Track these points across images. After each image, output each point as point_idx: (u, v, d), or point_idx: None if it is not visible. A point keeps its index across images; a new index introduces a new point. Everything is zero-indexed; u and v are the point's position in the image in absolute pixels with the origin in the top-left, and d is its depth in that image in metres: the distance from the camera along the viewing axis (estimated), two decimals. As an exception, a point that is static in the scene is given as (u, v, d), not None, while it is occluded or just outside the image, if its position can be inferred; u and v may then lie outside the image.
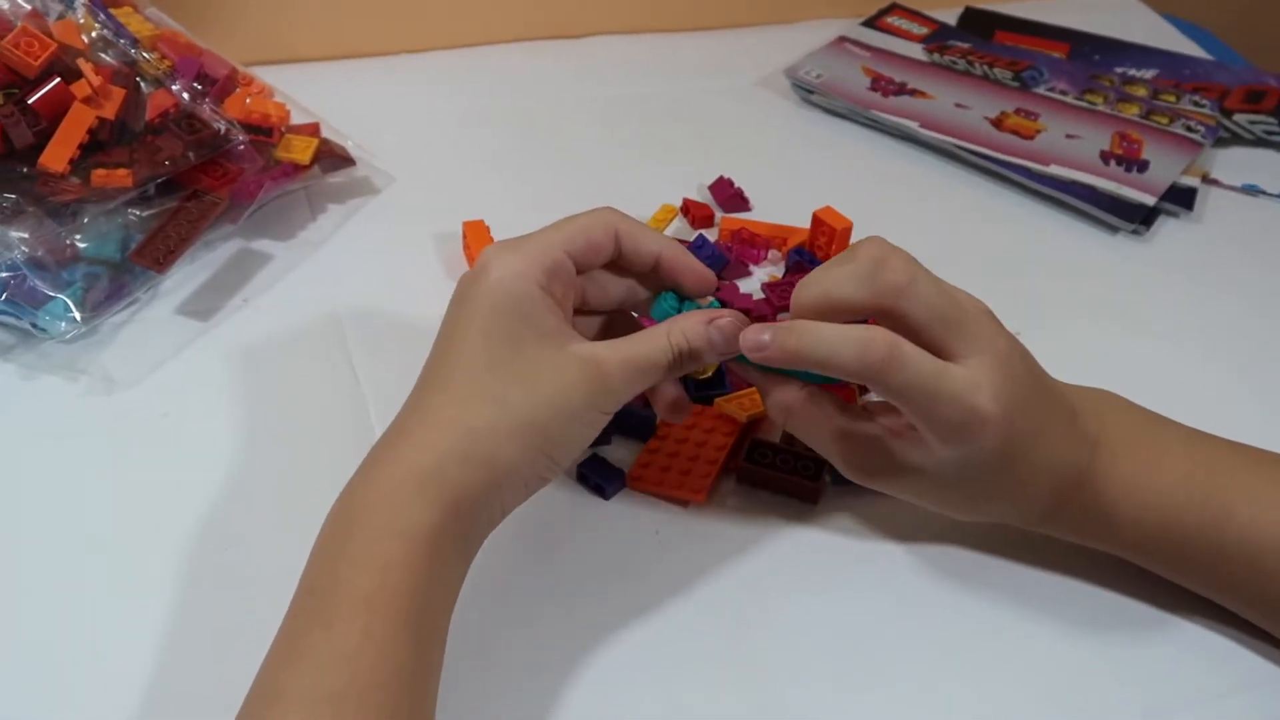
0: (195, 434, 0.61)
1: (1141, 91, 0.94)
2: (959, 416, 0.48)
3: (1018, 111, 0.91)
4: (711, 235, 0.77)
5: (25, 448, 0.60)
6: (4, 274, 0.63)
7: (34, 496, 0.57)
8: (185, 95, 0.70)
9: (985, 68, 0.96)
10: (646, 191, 0.79)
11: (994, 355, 0.49)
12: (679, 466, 0.59)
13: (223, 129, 0.69)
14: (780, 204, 0.81)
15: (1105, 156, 0.86)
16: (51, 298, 0.64)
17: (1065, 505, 0.53)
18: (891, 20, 1.03)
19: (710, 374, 0.62)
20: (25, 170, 0.64)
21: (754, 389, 0.63)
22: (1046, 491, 0.52)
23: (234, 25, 0.89)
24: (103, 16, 0.71)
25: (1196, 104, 0.92)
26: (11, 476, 0.58)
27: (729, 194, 0.80)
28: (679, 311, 0.54)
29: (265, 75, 0.80)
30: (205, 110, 0.70)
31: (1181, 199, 0.84)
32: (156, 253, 0.66)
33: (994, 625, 0.55)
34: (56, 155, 0.64)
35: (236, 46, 0.81)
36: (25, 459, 0.59)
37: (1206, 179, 0.87)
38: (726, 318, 0.52)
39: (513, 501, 0.50)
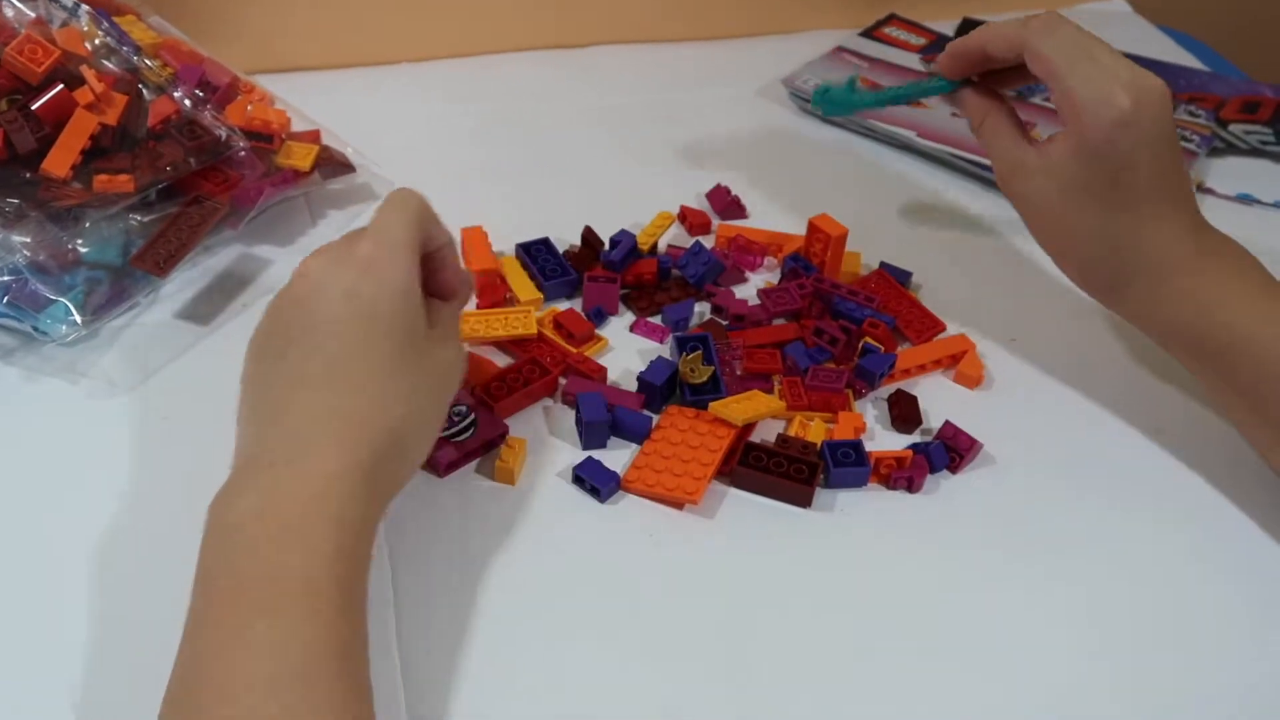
0: (195, 437, 0.61)
1: (1137, 101, 0.95)
2: (1096, 92, 0.59)
3: (1014, 121, 0.91)
4: (708, 242, 0.78)
5: (26, 449, 0.61)
6: (6, 278, 0.63)
7: (35, 498, 0.58)
8: (187, 102, 0.71)
9: (982, 78, 0.97)
10: (644, 199, 0.80)
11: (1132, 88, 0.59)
12: (674, 469, 0.60)
13: (224, 135, 0.70)
14: (777, 212, 0.81)
15: (1100, 165, 0.86)
16: (53, 301, 0.64)
17: (1142, 282, 0.61)
18: (889, 31, 1.03)
19: (705, 379, 0.63)
20: (28, 175, 0.65)
21: (749, 392, 0.63)
22: (1136, 251, 0.61)
23: (236, 34, 0.90)
24: (106, 24, 0.72)
25: (1192, 114, 0.93)
26: (12, 478, 0.59)
27: (726, 201, 0.81)
28: None
29: (266, 83, 0.80)
30: (207, 117, 0.70)
31: (1176, 208, 0.84)
32: (157, 257, 0.66)
33: (986, 626, 0.55)
34: (59, 161, 0.65)
35: (238, 54, 0.82)
36: (26, 460, 0.60)
37: (1202, 188, 0.87)
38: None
39: (397, 493, 0.53)
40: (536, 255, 0.73)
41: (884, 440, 0.64)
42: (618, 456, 0.62)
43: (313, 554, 0.45)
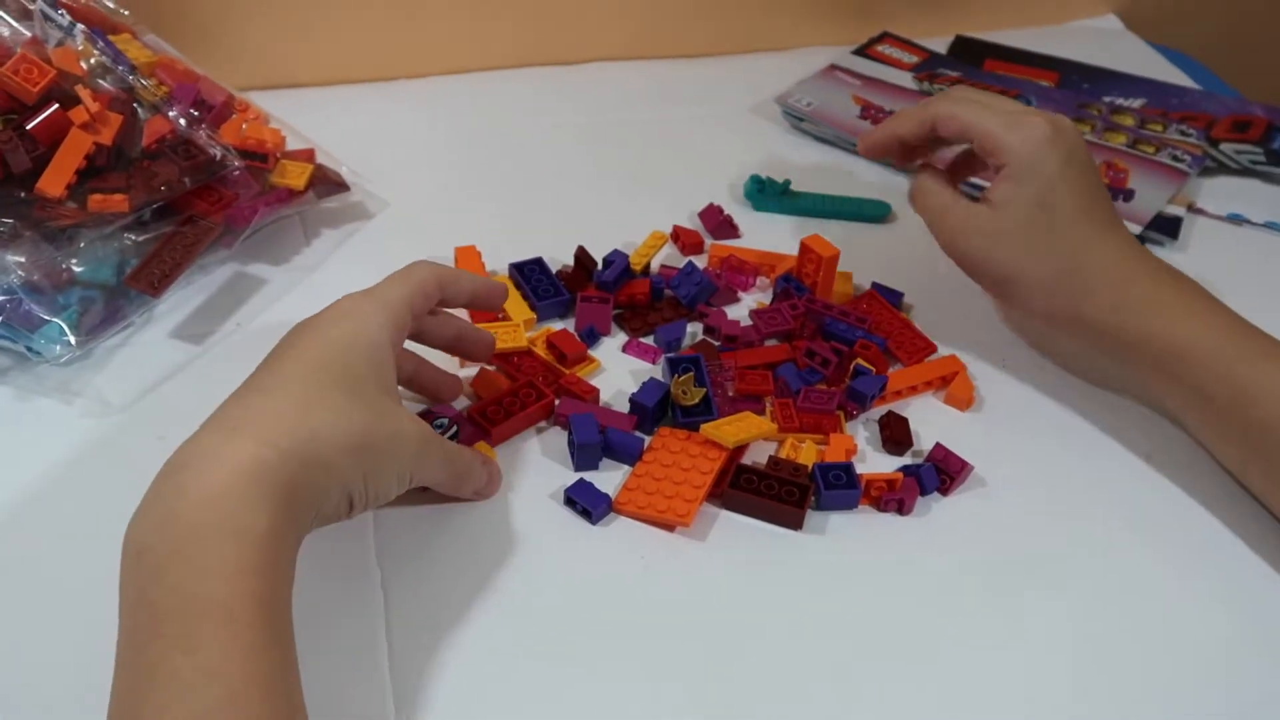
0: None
1: (1129, 120, 0.95)
2: (1013, 124, 0.64)
3: (1006, 140, 0.92)
4: (701, 262, 0.78)
5: (20, 470, 0.61)
6: (1, 297, 0.63)
7: (28, 518, 0.58)
8: (182, 121, 0.71)
9: (974, 96, 0.97)
10: (637, 218, 0.80)
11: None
12: (665, 491, 0.60)
13: (218, 155, 0.70)
14: (769, 231, 0.82)
15: (1092, 185, 0.86)
16: (47, 321, 0.64)
17: (1104, 293, 0.64)
18: (882, 49, 1.04)
19: (697, 400, 0.63)
20: (23, 195, 0.65)
21: (741, 414, 0.64)
22: (1094, 260, 0.64)
23: (230, 51, 0.90)
24: (101, 43, 0.72)
25: (1183, 133, 0.93)
26: (6, 498, 0.59)
27: (718, 221, 0.81)
28: None
29: (261, 101, 0.81)
30: (201, 136, 0.71)
31: (1167, 228, 0.84)
32: (151, 277, 0.67)
33: (976, 650, 0.55)
34: (54, 180, 0.65)
35: (233, 72, 0.82)
36: (20, 481, 0.60)
37: (1192, 208, 0.88)
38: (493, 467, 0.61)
39: (323, 518, 0.50)
40: (529, 275, 0.74)
41: (875, 462, 0.64)
42: (609, 478, 0.62)
43: (218, 573, 0.43)
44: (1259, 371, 0.60)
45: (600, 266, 0.74)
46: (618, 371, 0.69)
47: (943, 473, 0.62)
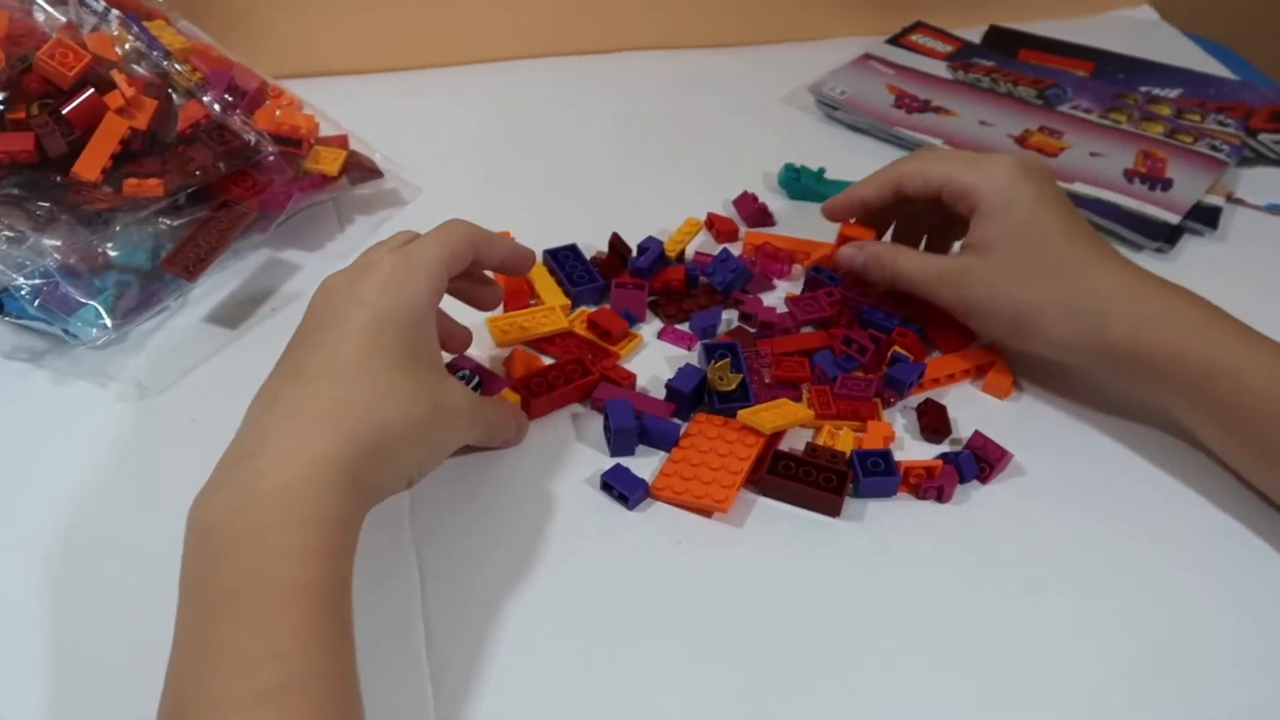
0: (222, 441, 0.61)
1: (1166, 110, 0.94)
2: (978, 166, 0.65)
3: (1041, 129, 0.91)
4: (735, 250, 0.77)
5: (56, 452, 0.61)
6: (37, 281, 0.63)
7: (64, 500, 0.58)
8: (216, 107, 0.71)
9: (1009, 86, 0.96)
10: (672, 206, 0.80)
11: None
12: (702, 477, 0.60)
13: (253, 140, 0.70)
14: (804, 219, 0.81)
15: (1129, 175, 0.86)
16: (83, 304, 0.65)
17: (1120, 312, 0.61)
18: (916, 38, 1.03)
19: (734, 386, 0.63)
20: (59, 179, 0.65)
21: (778, 400, 0.63)
22: (1106, 278, 0.62)
23: (264, 38, 0.90)
24: (136, 29, 0.72)
25: (1221, 123, 0.92)
26: (42, 480, 0.59)
27: (753, 209, 0.81)
28: None
29: (294, 88, 0.81)
30: (236, 122, 0.71)
31: (1206, 218, 0.84)
32: (186, 261, 0.67)
33: (1014, 639, 0.54)
34: (90, 165, 0.65)
35: (266, 59, 0.82)
36: (56, 463, 0.60)
37: (1231, 198, 0.87)
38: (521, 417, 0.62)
39: (380, 500, 0.51)
40: (564, 262, 0.73)
41: (913, 450, 0.64)
42: (646, 464, 0.61)
43: (291, 557, 0.44)
44: None
45: (635, 253, 0.74)
46: (653, 358, 0.69)
47: (982, 461, 0.62)
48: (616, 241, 0.75)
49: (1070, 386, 0.68)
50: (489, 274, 0.62)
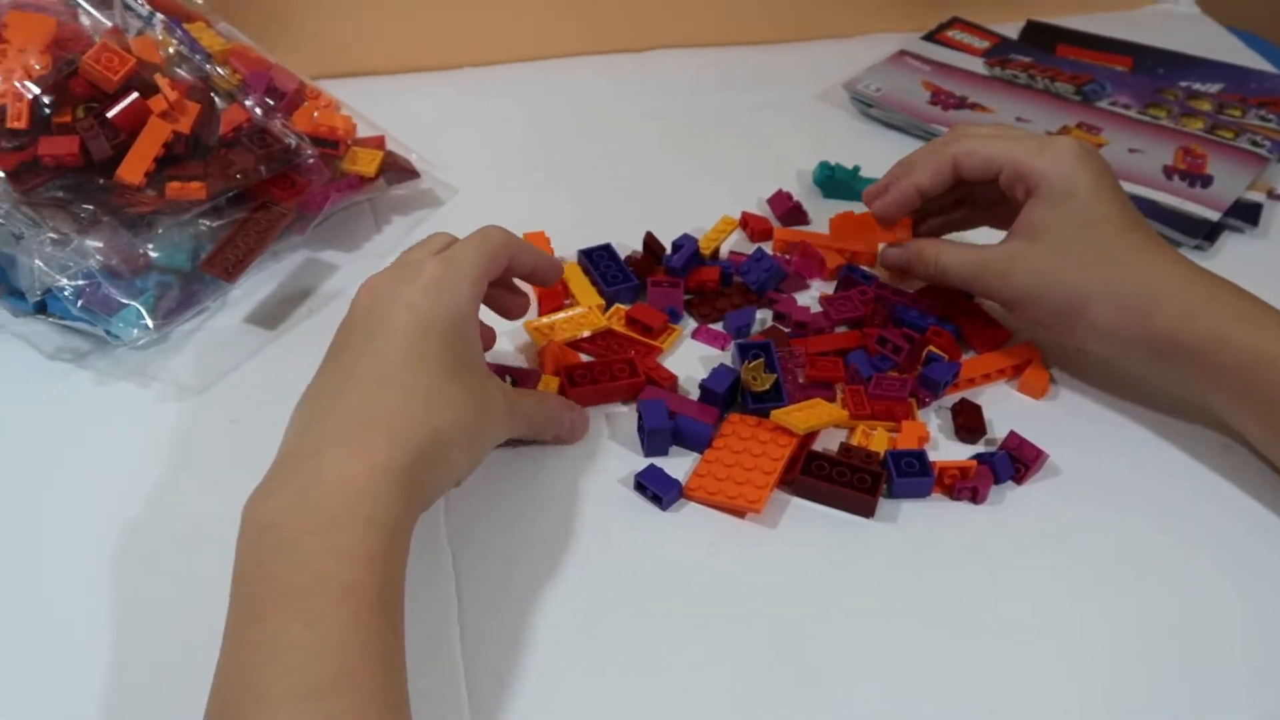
0: (262, 440, 0.62)
1: (1206, 106, 0.93)
2: (1038, 148, 0.64)
3: (1080, 126, 0.90)
4: (769, 248, 0.77)
5: (99, 451, 0.62)
6: (80, 281, 0.64)
7: (108, 499, 0.59)
8: (258, 110, 0.72)
9: (1047, 82, 0.96)
10: (706, 204, 0.80)
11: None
12: (736, 477, 0.60)
13: (293, 143, 0.71)
14: (840, 217, 0.81)
15: (1169, 171, 0.85)
16: (125, 305, 0.65)
17: (1169, 299, 0.61)
18: (952, 34, 1.03)
19: (768, 386, 0.63)
20: (102, 182, 0.66)
21: (811, 400, 0.63)
22: (1157, 265, 0.62)
23: (301, 38, 0.91)
24: (179, 33, 0.73)
25: (1262, 119, 0.91)
26: (85, 479, 0.60)
27: (787, 207, 0.81)
28: None
29: (331, 88, 0.81)
30: (277, 125, 0.71)
31: (1246, 214, 0.83)
32: (226, 262, 0.67)
33: (1050, 640, 0.54)
34: (133, 168, 0.66)
35: (303, 59, 0.83)
36: (99, 462, 0.61)
37: (1272, 194, 0.86)
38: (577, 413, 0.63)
39: (432, 503, 0.53)
40: (598, 261, 0.74)
41: (948, 450, 0.64)
42: (679, 464, 0.62)
43: (348, 556, 0.45)
44: None
45: (669, 251, 0.74)
46: (688, 357, 0.69)
47: (1017, 461, 0.62)
48: (651, 240, 0.75)
49: (1107, 385, 0.68)
50: (518, 282, 0.63)
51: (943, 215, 0.73)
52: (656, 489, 0.59)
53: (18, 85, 0.65)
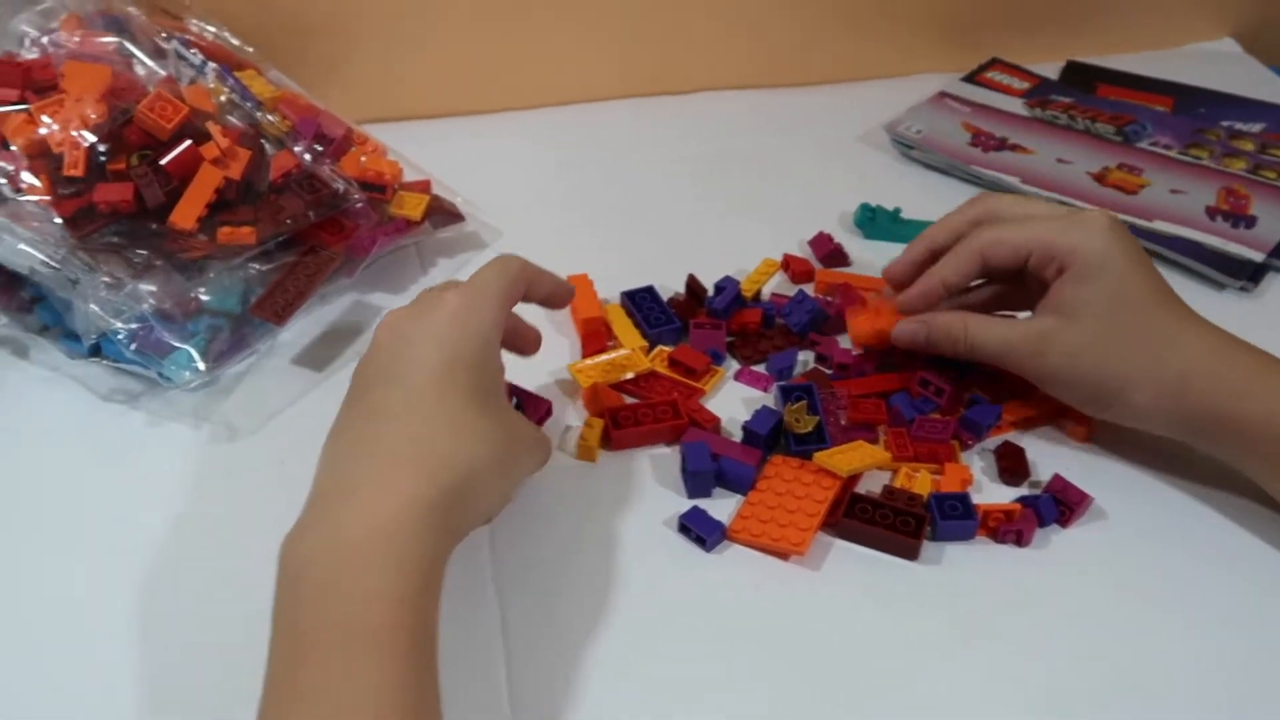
0: (309, 481, 0.63)
1: (1249, 145, 0.93)
2: (1067, 225, 0.62)
3: (1120, 166, 0.90)
4: (811, 290, 0.78)
5: (151, 491, 0.63)
6: (134, 325, 0.66)
7: (158, 539, 0.60)
8: (306, 156, 0.73)
9: (1087, 122, 0.96)
10: (748, 246, 0.80)
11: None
12: (779, 519, 0.60)
13: (341, 189, 0.72)
14: (880, 260, 0.81)
15: (1211, 212, 0.85)
16: (177, 348, 0.67)
17: (1202, 377, 0.60)
18: (992, 75, 1.03)
19: (811, 429, 0.63)
20: (156, 227, 0.68)
21: (854, 442, 0.63)
22: (1191, 342, 0.60)
23: (347, 84, 0.92)
24: (231, 81, 0.75)
25: (1306, 158, 0.91)
26: (138, 519, 0.61)
27: (829, 249, 0.81)
28: None
29: (377, 133, 0.82)
30: (325, 170, 0.73)
31: (1291, 255, 0.82)
32: (275, 306, 0.69)
33: (1097, 684, 0.54)
34: (186, 214, 0.67)
35: (350, 104, 0.84)
36: (151, 502, 0.62)
37: (1315, 237, 0.85)
38: None
39: (463, 538, 0.52)
40: (641, 303, 0.74)
41: (991, 493, 0.64)
42: (723, 506, 0.62)
43: (381, 598, 0.45)
44: None
45: (711, 293, 0.75)
46: (730, 399, 0.69)
47: (1062, 504, 0.61)
48: (693, 282, 0.75)
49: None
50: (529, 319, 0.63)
51: (967, 295, 0.70)
52: (700, 531, 0.59)
53: (75, 134, 0.67)
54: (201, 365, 0.67)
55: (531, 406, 0.66)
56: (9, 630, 0.55)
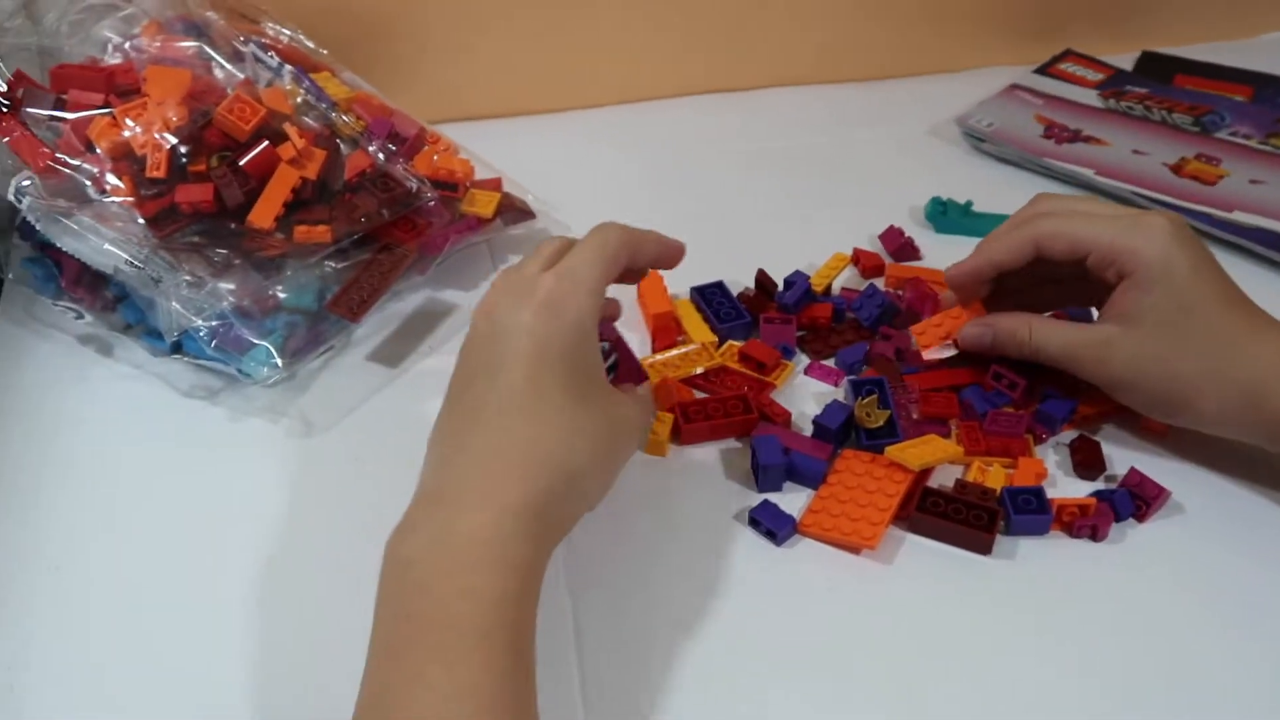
0: (384, 476, 0.64)
1: (1331, 135, 0.91)
2: (1129, 230, 0.60)
3: (1198, 157, 0.89)
4: (881, 284, 0.77)
5: (231, 484, 0.64)
6: (214, 322, 0.67)
7: (238, 530, 0.61)
8: (380, 155, 0.74)
9: (1164, 113, 0.94)
10: (818, 241, 0.80)
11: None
12: (850, 513, 0.60)
13: (414, 187, 0.73)
14: (951, 254, 0.80)
15: (1293, 202, 0.83)
16: (255, 345, 0.68)
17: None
18: (1065, 67, 1.02)
19: (882, 423, 0.63)
20: (235, 226, 0.69)
21: (926, 436, 0.63)
22: (1263, 346, 0.59)
23: (420, 86, 0.93)
24: (306, 83, 0.76)
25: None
26: (219, 511, 0.62)
27: (899, 243, 0.81)
28: None
29: (449, 132, 0.84)
30: (398, 169, 0.74)
31: (1375, 246, 0.81)
32: (351, 303, 0.70)
33: (1174, 681, 0.53)
34: (264, 213, 0.68)
35: (422, 105, 0.85)
36: (231, 495, 0.64)
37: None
38: None
39: (567, 533, 0.53)
40: (711, 298, 0.74)
41: (1066, 487, 0.63)
42: (794, 500, 0.62)
43: (482, 598, 0.46)
44: None
45: (781, 288, 0.75)
46: (801, 393, 0.69)
47: (1138, 498, 0.61)
48: (763, 277, 0.75)
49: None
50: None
51: (1024, 295, 0.69)
52: (771, 525, 0.59)
53: (157, 137, 0.68)
54: (279, 361, 0.68)
55: (627, 368, 0.65)
56: (97, 619, 0.57)
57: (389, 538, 0.49)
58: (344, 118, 0.76)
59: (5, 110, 0.70)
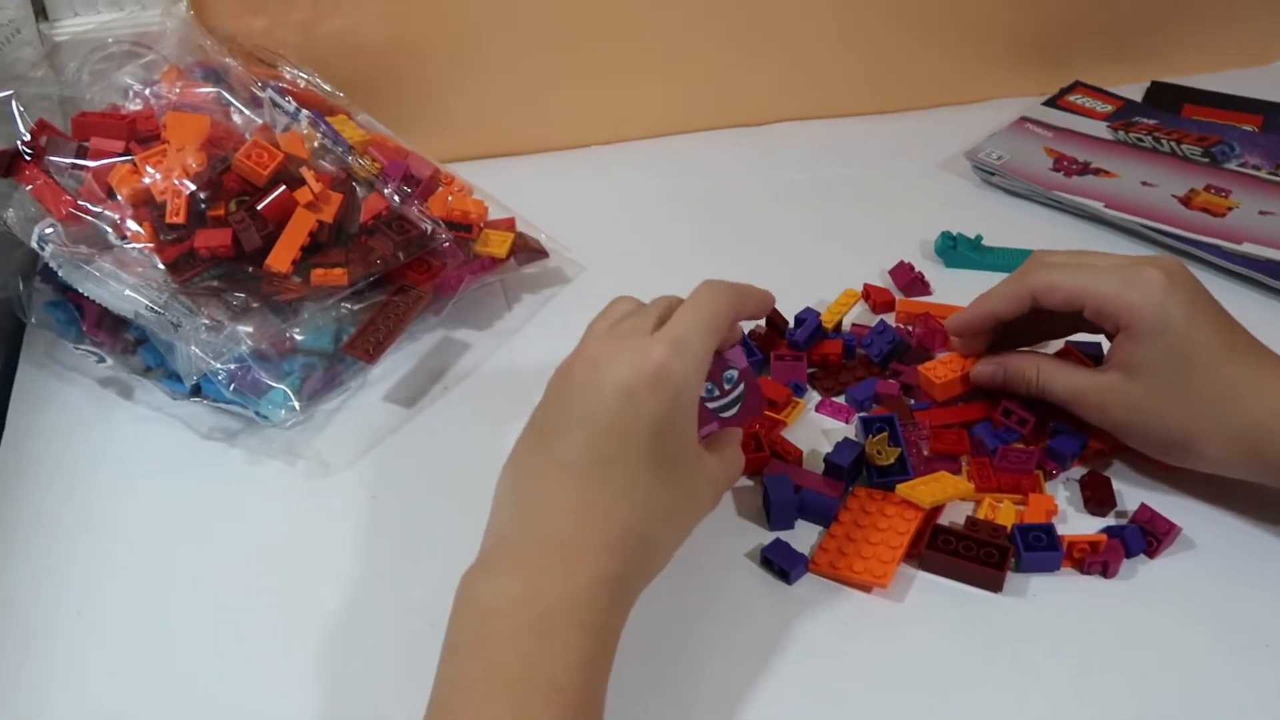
0: (401, 515, 0.65)
1: (1342, 164, 0.91)
2: (1125, 283, 0.60)
3: (1208, 188, 0.89)
4: (892, 319, 0.78)
5: (250, 525, 0.65)
6: (232, 366, 0.68)
7: (257, 571, 0.62)
8: (395, 198, 0.75)
9: (1173, 144, 0.95)
10: (829, 276, 0.81)
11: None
12: (862, 551, 0.60)
13: (429, 229, 0.74)
14: (962, 288, 0.80)
15: (1302, 233, 0.83)
16: (272, 387, 0.69)
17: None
18: (1074, 99, 1.02)
19: (893, 460, 0.63)
20: (252, 270, 0.70)
21: (936, 473, 0.63)
22: (1263, 393, 0.59)
23: (435, 125, 0.94)
24: (323, 126, 0.77)
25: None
26: (239, 555, 0.63)
27: (909, 278, 0.81)
28: None
29: (462, 170, 0.84)
30: (413, 212, 0.75)
31: (1387, 276, 0.81)
32: (367, 344, 0.71)
33: (1194, 714, 0.53)
34: (281, 257, 0.69)
35: (438, 144, 0.86)
36: (250, 536, 0.64)
37: None
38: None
39: (638, 597, 0.54)
40: (722, 336, 0.75)
41: (1076, 523, 0.63)
42: (805, 537, 0.62)
43: (564, 658, 0.47)
44: None
45: (792, 325, 0.75)
46: (812, 431, 0.70)
47: (1149, 534, 0.61)
48: (774, 314, 0.76)
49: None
50: None
51: (1031, 341, 0.71)
52: (782, 563, 0.60)
53: (176, 183, 0.70)
54: (296, 403, 0.69)
55: (750, 403, 0.62)
56: (120, 663, 0.57)
57: (464, 577, 0.50)
58: (360, 161, 0.77)
59: (29, 159, 0.71)
